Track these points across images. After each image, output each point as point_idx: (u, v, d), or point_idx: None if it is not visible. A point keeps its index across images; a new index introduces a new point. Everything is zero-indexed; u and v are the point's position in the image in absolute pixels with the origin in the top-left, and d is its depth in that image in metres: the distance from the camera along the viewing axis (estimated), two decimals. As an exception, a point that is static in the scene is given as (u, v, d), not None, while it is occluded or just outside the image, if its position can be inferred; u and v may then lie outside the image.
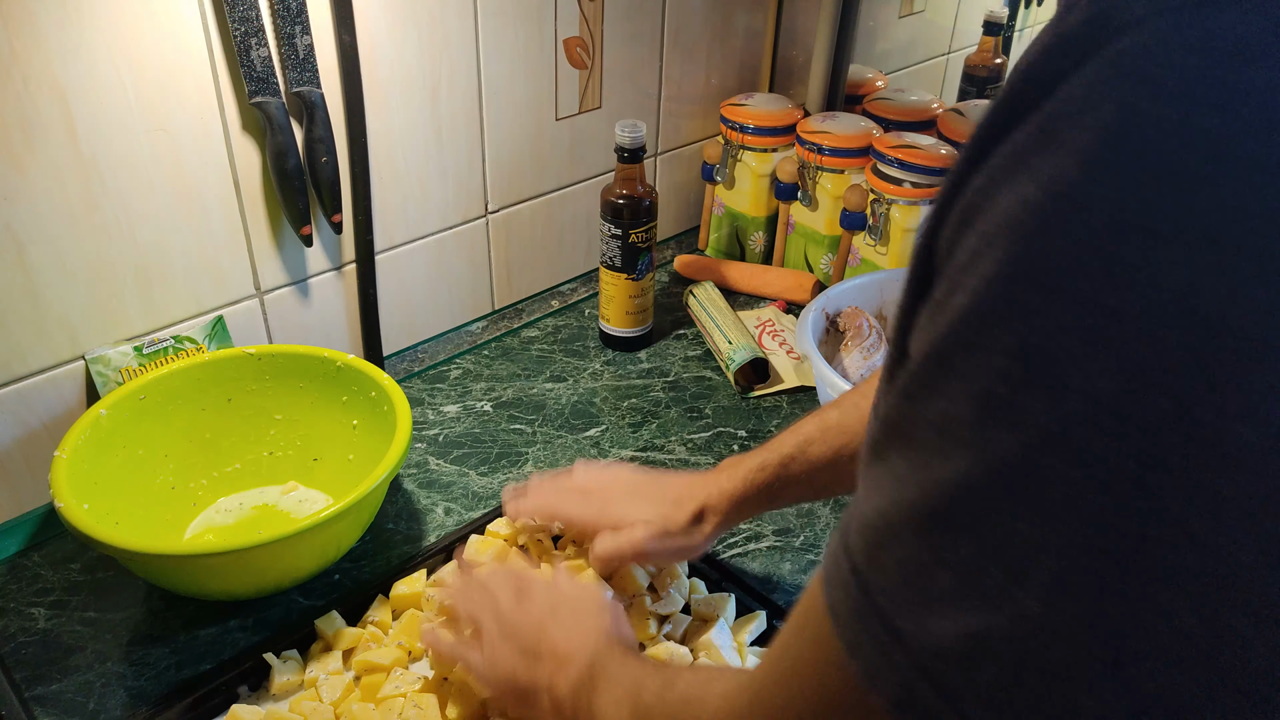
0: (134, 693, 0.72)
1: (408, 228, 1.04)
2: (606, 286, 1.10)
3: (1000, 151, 0.28)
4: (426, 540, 0.86)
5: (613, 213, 1.05)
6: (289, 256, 0.96)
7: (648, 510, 0.72)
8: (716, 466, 0.75)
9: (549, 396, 1.05)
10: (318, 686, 0.70)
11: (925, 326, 0.31)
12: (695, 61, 1.26)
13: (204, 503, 0.87)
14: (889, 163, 1.10)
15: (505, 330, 1.16)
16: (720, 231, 1.32)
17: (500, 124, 1.07)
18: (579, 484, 0.78)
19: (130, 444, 0.82)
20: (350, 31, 0.89)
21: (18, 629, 0.77)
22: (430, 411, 1.02)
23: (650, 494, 0.74)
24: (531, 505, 0.78)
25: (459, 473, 0.94)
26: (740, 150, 1.23)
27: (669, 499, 0.73)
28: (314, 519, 0.71)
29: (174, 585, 0.77)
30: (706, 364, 1.11)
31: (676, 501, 0.72)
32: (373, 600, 0.78)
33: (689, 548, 0.72)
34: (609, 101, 1.18)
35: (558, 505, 0.77)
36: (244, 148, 0.88)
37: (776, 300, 1.22)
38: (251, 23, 0.82)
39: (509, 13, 1.02)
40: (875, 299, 1.07)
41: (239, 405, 0.89)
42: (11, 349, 0.81)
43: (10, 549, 0.84)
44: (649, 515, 0.72)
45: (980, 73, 1.49)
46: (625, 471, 0.79)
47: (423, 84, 0.98)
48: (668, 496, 0.73)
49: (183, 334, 0.90)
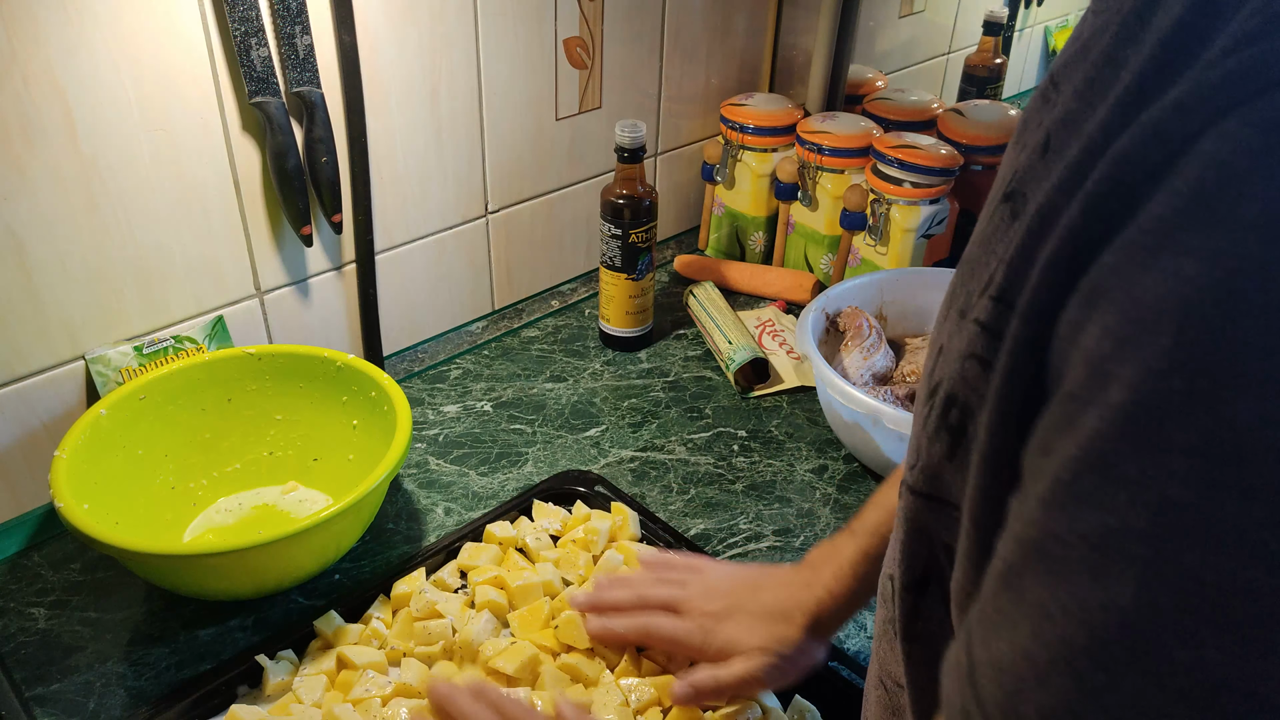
0: (134, 693, 0.72)
1: (408, 228, 1.04)
2: (606, 286, 1.10)
3: (1135, 226, 0.26)
4: (426, 540, 0.86)
5: (613, 213, 1.05)
6: (289, 256, 0.96)
7: (756, 633, 0.65)
8: (808, 561, 0.69)
9: (549, 396, 1.05)
10: (294, 690, 0.70)
11: (1060, 426, 0.27)
12: (695, 61, 1.26)
13: (204, 503, 0.87)
14: (889, 163, 1.10)
15: (505, 330, 1.16)
16: (720, 231, 1.32)
17: (500, 124, 1.07)
18: (664, 597, 0.70)
19: (130, 444, 0.82)
20: (350, 31, 0.89)
21: (18, 629, 0.77)
22: (430, 411, 1.02)
23: (751, 609, 0.67)
24: (623, 626, 0.70)
25: (459, 473, 0.94)
26: (740, 150, 1.23)
27: (775, 613, 0.66)
28: (314, 519, 0.71)
29: (174, 585, 0.77)
30: (706, 364, 1.11)
31: (785, 616, 0.65)
32: (373, 600, 0.78)
33: (805, 669, 0.66)
34: (609, 101, 1.18)
35: (653, 627, 0.69)
36: (244, 148, 0.88)
37: (776, 300, 1.22)
38: (251, 23, 0.82)
39: (509, 13, 1.02)
40: (875, 299, 1.07)
41: (239, 405, 0.89)
42: (11, 349, 0.81)
43: (10, 549, 0.84)
44: (758, 639, 0.65)
45: (980, 73, 1.49)
46: (712, 575, 0.71)
47: (423, 84, 0.98)
48: (772, 610, 0.66)
49: (183, 334, 0.90)
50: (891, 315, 1.08)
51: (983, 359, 0.33)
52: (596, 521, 0.83)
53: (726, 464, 0.96)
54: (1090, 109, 0.32)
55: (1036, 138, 0.36)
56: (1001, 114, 1.20)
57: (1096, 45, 0.34)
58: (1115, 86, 0.30)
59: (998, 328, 0.32)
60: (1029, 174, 0.35)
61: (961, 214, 1.16)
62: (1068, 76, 0.35)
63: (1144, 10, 0.31)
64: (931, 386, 0.38)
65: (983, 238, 0.38)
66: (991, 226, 0.37)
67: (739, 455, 0.97)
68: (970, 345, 0.34)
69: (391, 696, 0.69)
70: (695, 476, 0.94)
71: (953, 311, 0.38)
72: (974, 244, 0.38)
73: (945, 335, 0.38)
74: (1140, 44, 0.30)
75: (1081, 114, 0.32)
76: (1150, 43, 0.29)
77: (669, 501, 0.91)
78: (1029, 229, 0.32)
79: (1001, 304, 0.32)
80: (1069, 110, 0.34)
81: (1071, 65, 0.35)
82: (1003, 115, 1.20)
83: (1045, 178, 0.33)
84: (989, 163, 1.17)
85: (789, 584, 0.67)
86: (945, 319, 0.40)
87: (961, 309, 0.37)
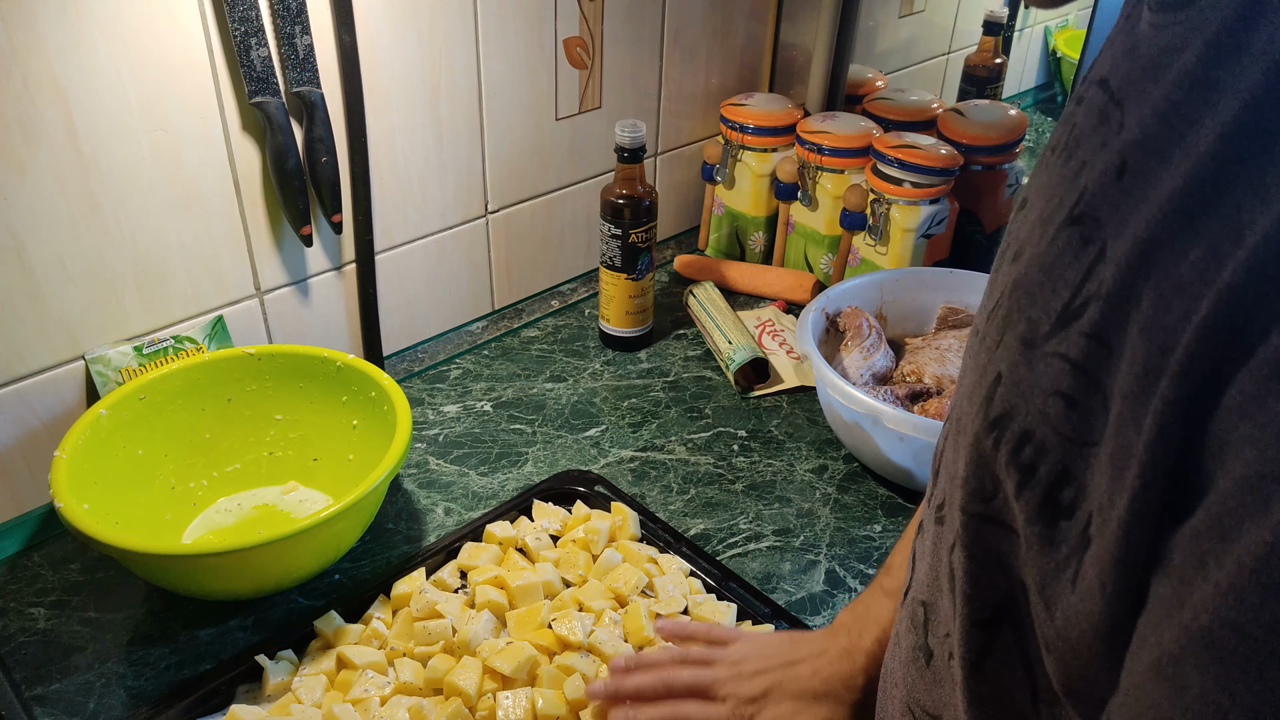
0: (134, 693, 0.72)
1: (408, 228, 1.04)
2: (606, 286, 1.10)
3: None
4: (426, 540, 0.86)
5: (613, 213, 1.05)
6: (289, 256, 0.96)
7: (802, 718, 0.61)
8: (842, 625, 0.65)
9: (549, 396, 1.05)
10: (293, 690, 0.70)
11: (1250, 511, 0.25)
12: (695, 61, 1.26)
13: (204, 503, 0.87)
14: (889, 163, 1.10)
15: (505, 330, 1.16)
16: (720, 231, 1.32)
17: (500, 124, 1.07)
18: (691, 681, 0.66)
19: (130, 444, 0.82)
20: (350, 31, 0.89)
21: (18, 629, 0.77)
22: (430, 411, 1.02)
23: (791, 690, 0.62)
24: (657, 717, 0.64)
25: (459, 473, 0.94)
26: (740, 150, 1.23)
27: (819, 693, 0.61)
28: (314, 519, 0.71)
29: (174, 585, 0.77)
30: (706, 364, 1.11)
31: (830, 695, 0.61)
32: (373, 600, 0.78)
33: None
34: (609, 101, 1.18)
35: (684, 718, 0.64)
36: (244, 148, 0.88)
37: (776, 300, 1.22)
38: (251, 23, 0.82)
39: (509, 13, 1.02)
40: (875, 299, 1.07)
41: (239, 405, 0.89)
42: (11, 349, 0.81)
43: (10, 549, 0.84)
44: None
45: (980, 73, 1.49)
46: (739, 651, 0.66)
47: (423, 84, 0.98)
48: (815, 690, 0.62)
49: (183, 334, 0.90)
50: (891, 315, 1.08)
51: (1071, 398, 0.32)
52: (596, 521, 0.83)
53: (726, 464, 0.96)
54: (1178, 135, 0.30)
55: (1106, 159, 0.34)
56: (1002, 114, 1.20)
57: (1171, 63, 0.32)
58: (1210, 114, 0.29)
59: (1091, 367, 0.31)
60: (1103, 198, 0.34)
61: (961, 214, 1.16)
62: (1135, 94, 0.34)
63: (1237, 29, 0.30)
64: (995, 417, 0.37)
65: (1044, 262, 0.36)
66: (1056, 250, 0.35)
67: (739, 455, 0.97)
68: (1055, 382, 0.33)
69: (391, 696, 0.69)
70: (695, 476, 0.94)
71: (1010, 337, 0.37)
72: (1033, 266, 0.37)
73: (1003, 362, 0.37)
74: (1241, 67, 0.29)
75: (1168, 139, 0.31)
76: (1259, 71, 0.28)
77: (669, 501, 0.91)
78: (1128, 265, 0.30)
79: (1097, 342, 0.31)
80: (1149, 133, 0.32)
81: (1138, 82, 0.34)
82: (1003, 115, 1.20)
83: (1127, 205, 0.32)
84: (989, 162, 1.17)
85: (826, 654, 0.63)
86: (999, 344, 0.38)
87: (1026, 337, 0.35)
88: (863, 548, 0.86)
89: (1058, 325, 0.33)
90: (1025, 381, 0.35)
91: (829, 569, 0.84)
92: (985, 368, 0.39)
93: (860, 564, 0.85)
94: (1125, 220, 0.31)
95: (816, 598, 0.81)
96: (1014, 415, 0.35)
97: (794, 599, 0.81)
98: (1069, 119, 0.40)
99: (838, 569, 0.84)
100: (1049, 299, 0.35)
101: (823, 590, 0.82)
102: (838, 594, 0.82)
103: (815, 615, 0.80)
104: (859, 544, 0.87)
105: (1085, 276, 0.33)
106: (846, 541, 0.87)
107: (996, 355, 0.38)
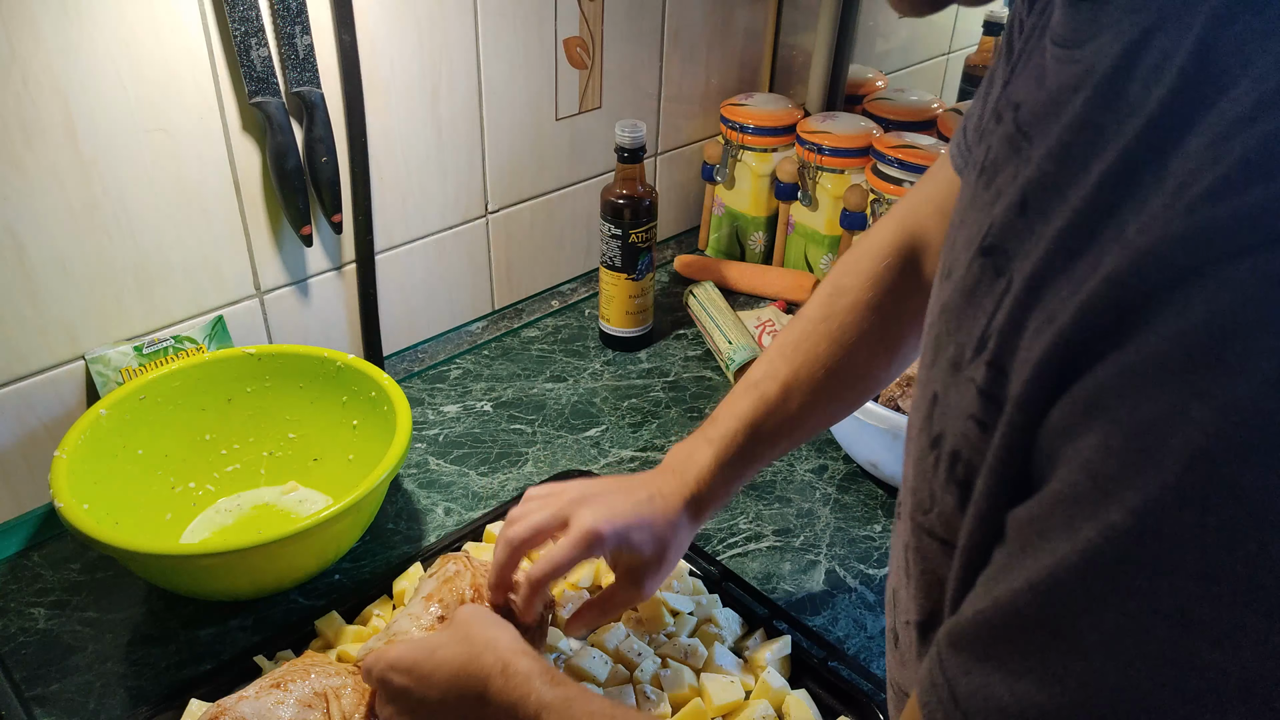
0: (134, 693, 0.72)
1: (408, 228, 1.04)
2: (606, 286, 1.10)
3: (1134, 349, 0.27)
4: (426, 540, 0.86)
5: (613, 213, 1.05)
6: (289, 256, 0.96)
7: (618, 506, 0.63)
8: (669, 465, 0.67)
9: (549, 396, 1.05)
10: None
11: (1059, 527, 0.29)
12: (695, 61, 1.26)
13: (204, 503, 0.87)
14: (889, 163, 1.10)
15: (505, 330, 1.16)
16: (720, 231, 1.32)
17: (500, 124, 1.07)
18: None
19: (130, 444, 0.82)
20: (350, 31, 0.89)
21: (18, 629, 0.77)
22: (430, 411, 1.02)
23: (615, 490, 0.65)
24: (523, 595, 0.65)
25: (459, 473, 0.94)
26: (740, 150, 1.23)
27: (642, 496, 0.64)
28: (314, 519, 0.71)
29: (174, 585, 0.77)
30: (706, 364, 1.11)
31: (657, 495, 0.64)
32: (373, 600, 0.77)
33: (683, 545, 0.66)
34: (609, 101, 1.18)
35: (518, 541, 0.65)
36: (244, 148, 0.88)
37: (776, 300, 1.22)
38: (251, 23, 0.82)
39: (509, 13, 1.02)
40: (875, 299, 1.07)
41: (239, 405, 0.89)
42: (11, 349, 0.81)
43: (10, 549, 0.84)
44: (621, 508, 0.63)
45: (980, 72, 1.49)
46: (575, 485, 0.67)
47: (423, 84, 0.98)
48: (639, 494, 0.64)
49: (183, 334, 0.90)
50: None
51: (982, 421, 0.35)
52: (596, 521, 0.83)
53: (726, 464, 0.96)
54: (1070, 176, 0.32)
55: (1012, 194, 0.36)
56: (1001, 114, 1.20)
57: (1069, 102, 0.34)
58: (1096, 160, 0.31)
59: (993, 392, 0.34)
60: (1008, 230, 0.36)
61: (961, 214, 1.16)
62: (1039, 130, 0.36)
63: (1117, 79, 0.31)
64: (934, 435, 0.39)
65: (964, 288, 0.39)
66: (973, 278, 0.38)
67: (739, 455, 0.97)
68: (969, 407, 0.36)
69: None
70: (695, 476, 0.94)
71: (942, 359, 0.40)
72: (956, 292, 0.39)
73: (939, 383, 0.40)
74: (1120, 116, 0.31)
75: (1060, 180, 0.33)
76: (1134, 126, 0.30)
77: (669, 501, 0.91)
78: (1018, 300, 0.33)
79: (995, 370, 0.34)
80: (1045, 173, 0.34)
81: (1042, 119, 0.36)
82: (1003, 115, 1.19)
83: (1028, 240, 0.34)
84: (989, 163, 1.16)
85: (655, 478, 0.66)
86: (934, 364, 0.41)
87: (954, 360, 0.38)
88: (863, 547, 0.86)
89: (974, 352, 0.36)
90: (954, 405, 0.38)
91: (829, 569, 0.84)
92: (926, 385, 0.42)
93: (860, 564, 0.85)
94: (1027, 255, 0.34)
95: (816, 598, 0.81)
96: (945, 436, 0.38)
97: (794, 599, 0.81)
98: (988, 135, 0.42)
99: (838, 569, 0.84)
100: (970, 326, 0.37)
101: (823, 590, 0.82)
102: (838, 594, 0.82)
103: (815, 615, 0.80)
104: (859, 544, 0.87)
105: (996, 307, 0.35)
106: (846, 541, 0.87)
107: (932, 374, 0.41)
